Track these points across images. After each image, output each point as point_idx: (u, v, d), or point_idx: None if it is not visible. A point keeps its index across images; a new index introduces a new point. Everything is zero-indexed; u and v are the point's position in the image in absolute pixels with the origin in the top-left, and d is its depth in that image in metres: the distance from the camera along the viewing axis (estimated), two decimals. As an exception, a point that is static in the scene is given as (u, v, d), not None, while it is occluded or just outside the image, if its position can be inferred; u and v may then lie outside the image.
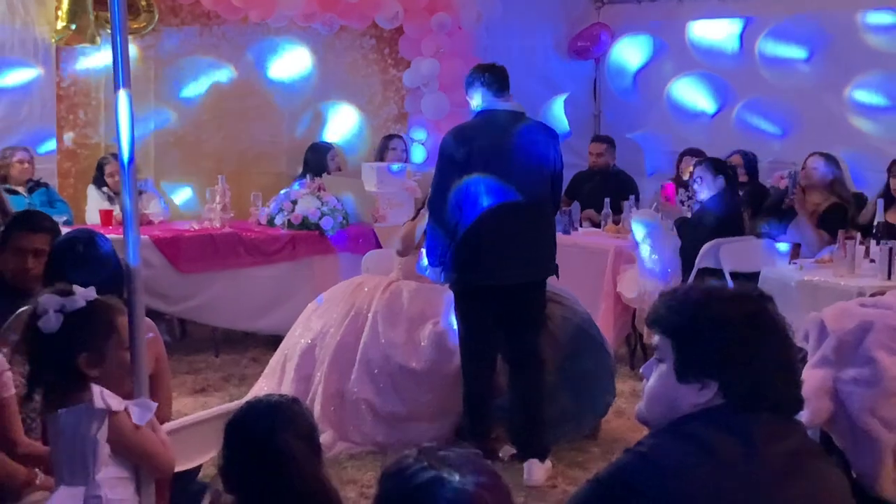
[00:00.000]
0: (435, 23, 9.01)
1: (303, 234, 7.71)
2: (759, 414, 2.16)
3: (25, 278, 4.25)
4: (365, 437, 5.79)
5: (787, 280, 6.05)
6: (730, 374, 2.18)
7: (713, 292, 2.29)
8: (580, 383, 5.82)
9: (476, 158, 5.25)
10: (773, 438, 2.15)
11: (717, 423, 2.15)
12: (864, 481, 3.18)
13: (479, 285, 5.35)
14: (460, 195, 5.26)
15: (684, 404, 2.21)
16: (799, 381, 2.26)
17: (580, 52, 10.18)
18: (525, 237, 5.33)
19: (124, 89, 3.00)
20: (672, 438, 2.18)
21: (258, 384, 6.28)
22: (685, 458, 2.11)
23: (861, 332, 3.23)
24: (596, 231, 7.95)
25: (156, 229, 7.53)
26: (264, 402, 2.73)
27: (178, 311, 7.58)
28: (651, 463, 2.13)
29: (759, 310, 2.23)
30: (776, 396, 2.19)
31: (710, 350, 2.19)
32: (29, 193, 7.56)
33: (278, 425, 2.58)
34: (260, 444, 2.56)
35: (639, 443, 2.22)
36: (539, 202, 5.37)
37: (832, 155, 7.38)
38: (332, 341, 5.96)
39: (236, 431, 2.62)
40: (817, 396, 3.21)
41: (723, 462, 2.10)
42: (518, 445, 5.52)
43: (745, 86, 9.09)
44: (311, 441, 2.64)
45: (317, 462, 2.62)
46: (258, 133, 9.07)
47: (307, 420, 2.69)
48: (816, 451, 2.28)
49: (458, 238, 5.30)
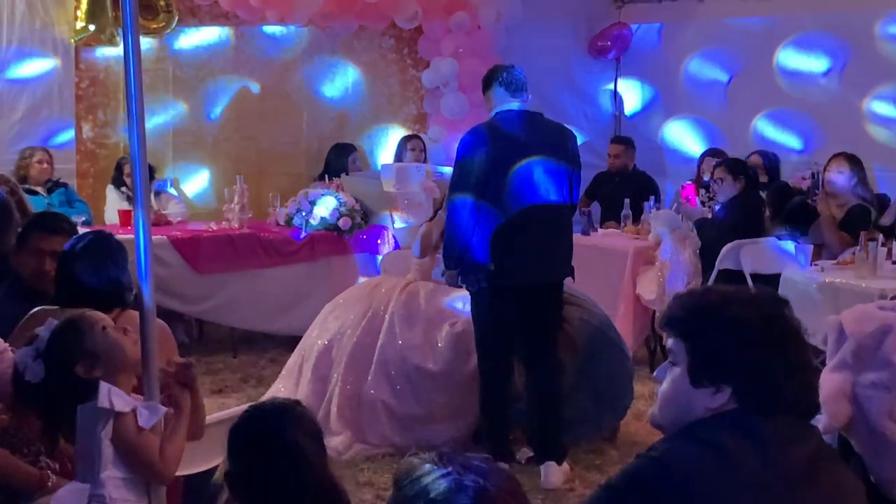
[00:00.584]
0: (454, 22, 8.98)
1: (321, 234, 7.71)
2: (774, 418, 2.14)
3: (43, 280, 4.24)
4: (382, 439, 5.76)
5: (808, 282, 6.00)
6: (744, 379, 2.16)
7: (728, 295, 2.26)
8: (598, 386, 5.77)
9: (494, 160, 5.23)
10: (789, 443, 2.13)
11: (731, 428, 2.13)
12: (884, 486, 3.14)
13: (496, 286, 5.32)
14: (478, 197, 5.24)
15: (698, 408, 2.19)
16: (815, 385, 2.23)
17: (600, 52, 10.13)
18: (543, 238, 5.31)
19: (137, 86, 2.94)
20: (686, 443, 2.16)
21: (275, 385, 6.27)
22: (700, 463, 2.09)
23: (880, 336, 3.19)
24: (615, 232, 7.90)
25: (174, 230, 7.54)
26: (268, 404, 2.71)
27: (195, 311, 7.58)
28: (665, 468, 2.11)
29: (775, 314, 2.20)
30: (791, 401, 2.17)
31: (724, 354, 2.17)
32: (48, 193, 7.59)
33: (286, 424, 2.55)
34: (268, 445, 2.53)
35: (651, 447, 2.21)
36: (557, 203, 5.33)
37: (854, 156, 7.30)
38: (348, 342, 5.94)
39: (242, 435, 2.59)
40: (836, 400, 3.17)
41: (738, 466, 2.08)
42: (535, 448, 5.50)
43: (764, 94, 9.03)
44: (319, 440, 2.61)
45: (325, 461, 2.60)
46: (278, 134, 9.08)
47: (312, 420, 2.67)
48: (832, 456, 2.26)
49: (476, 240, 5.27)
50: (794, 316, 2.23)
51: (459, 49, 9.10)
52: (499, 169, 5.22)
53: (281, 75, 9.08)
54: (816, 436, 2.23)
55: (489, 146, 5.25)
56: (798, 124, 8.73)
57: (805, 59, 8.69)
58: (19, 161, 7.63)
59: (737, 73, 9.24)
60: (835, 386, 3.20)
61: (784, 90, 8.82)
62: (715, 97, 9.42)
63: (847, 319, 3.29)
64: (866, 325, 3.23)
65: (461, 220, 5.29)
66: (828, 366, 3.31)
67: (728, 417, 2.15)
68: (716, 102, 9.42)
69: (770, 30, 8.96)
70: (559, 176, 5.33)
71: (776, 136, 8.89)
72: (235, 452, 2.58)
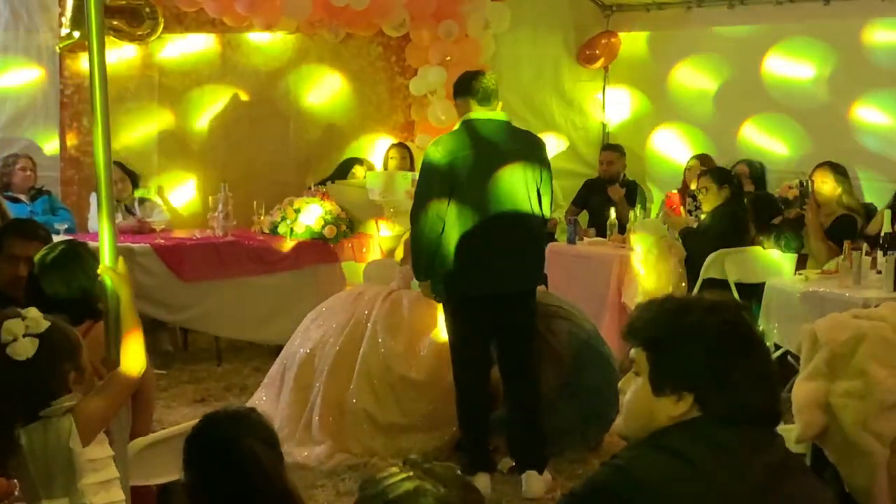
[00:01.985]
0: (442, 30, 8.95)
1: (306, 242, 7.67)
2: (738, 426, 2.13)
3: (18, 286, 4.22)
4: (364, 448, 5.74)
5: (791, 291, 5.99)
6: (705, 387, 2.14)
7: (688, 303, 2.26)
8: (585, 398, 5.75)
9: (460, 169, 5.19)
10: (754, 451, 2.11)
11: (694, 436, 2.12)
12: (858, 497, 3.12)
13: (467, 296, 5.28)
14: (443, 207, 5.20)
15: (661, 417, 2.18)
16: (778, 392, 2.23)
17: (589, 60, 10.11)
18: (512, 247, 5.25)
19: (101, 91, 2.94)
20: (650, 451, 2.15)
21: (257, 394, 6.25)
22: (663, 471, 2.08)
23: (854, 344, 3.17)
24: (601, 241, 7.88)
25: (158, 237, 7.50)
26: (222, 413, 2.68)
27: (179, 320, 7.54)
28: (628, 476, 2.10)
29: (735, 321, 2.19)
30: (753, 409, 2.15)
31: (684, 362, 2.16)
32: (31, 201, 7.55)
33: (241, 432, 2.53)
34: (224, 453, 2.50)
35: (614, 456, 2.20)
36: (525, 212, 5.29)
37: (838, 165, 7.29)
38: (331, 351, 5.92)
39: (198, 444, 2.56)
40: (809, 410, 3.15)
41: (702, 474, 2.06)
42: (516, 457, 5.46)
43: (751, 101, 9.02)
44: (275, 447, 2.58)
45: (282, 469, 2.57)
46: (265, 142, 9.04)
47: (268, 427, 2.64)
48: (798, 465, 2.25)
49: (444, 250, 5.23)
50: (754, 323, 2.22)
51: (447, 57, 9.06)
52: (465, 177, 5.19)
53: (268, 83, 9.05)
54: (781, 444, 2.22)
55: (455, 155, 5.21)
56: (786, 132, 8.70)
57: (792, 67, 8.68)
58: (2, 168, 7.59)
59: (724, 81, 9.22)
60: (809, 395, 3.18)
61: (771, 98, 8.81)
62: (702, 105, 9.40)
63: (821, 328, 3.27)
64: (840, 334, 3.21)
65: (426, 231, 5.25)
66: (801, 375, 3.29)
67: (691, 426, 2.14)
68: (704, 110, 9.39)
69: (757, 38, 8.94)
70: (527, 184, 5.28)
71: (764, 143, 8.86)
72: (191, 462, 2.55)
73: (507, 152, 5.27)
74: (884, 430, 3.11)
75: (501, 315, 5.30)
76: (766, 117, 8.86)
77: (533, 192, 5.30)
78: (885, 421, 3.11)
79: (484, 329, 5.34)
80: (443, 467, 1.91)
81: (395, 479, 1.86)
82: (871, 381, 3.11)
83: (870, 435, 3.10)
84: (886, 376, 3.12)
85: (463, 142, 5.29)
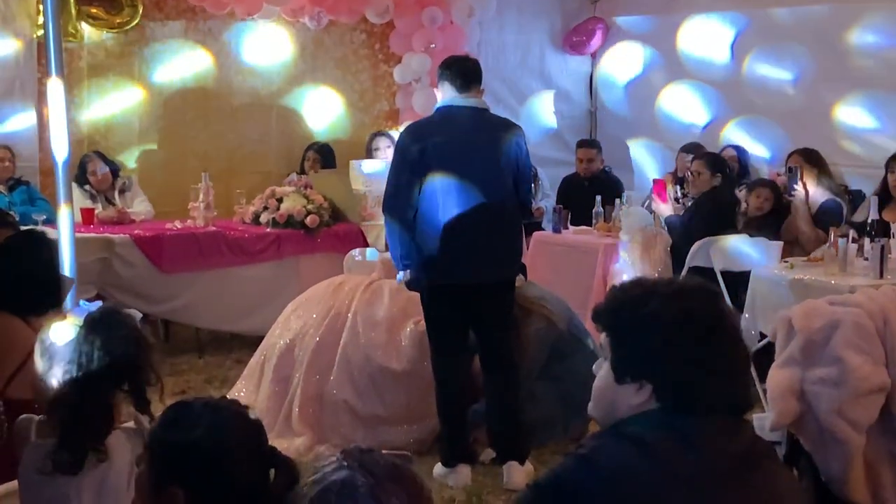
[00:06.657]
0: (426, 17, 8.88)
1: (288, 232, 7.59)
2: (701, 415, 2.09)
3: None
4: (344, 440, 5.64)
5: (777, 279, 5.92)
6: (663, 377, 2.11)
7: (653, 289, 2.20)
8: (566, 388, 5.69)
9: (431, 156, 5.08)
10: (718, 439, 2.08)
11: (656, 425, 2.09)
12: (834, 485, 3.07)
13: (443, 285, 5.19)
14: (415, 194, 5.11)
15: (623, 405, 2.16)
16: (746, 380, 2.17)
17: (575, 47, 10.04)
18: (487, 236, 5.13)
19: (58, 77, 2.88)
20: (613, 440, 2.13)
21: (237, 386, 6.20)
22: (625, 460, 2.06)
23: (829, 331, 3.11)
24: (587, 229, 7.80)
25: (137, 228, 7.41)
26: (180, 403, 2.56)
27: (160, 311, 7.42)
28: (591, 465, 2.08)
29: (698, 308, 2.13)
30: (714, 399, 2.11)
31: (643, 350, 2.12)
32: (9, 191, 7.50)
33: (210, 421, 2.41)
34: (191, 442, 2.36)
35: (579, 444, 2.18)
36: (500, 200, 5.16)
37: (811, 153, 7.26)
38: (311, 342, 5.86)
39: (161, 438, 2.40)
40: (783, 397, 3.09)
41: (663, 463, 2.04)
42: (497, 448, 5.40)
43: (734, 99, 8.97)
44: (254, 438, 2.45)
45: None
46: (246, 131, 8.98)
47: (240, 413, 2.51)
48: (765, 452, 2.20)
49: (418, 238, 5.14)
50: (722, 308, 2.16)
51: (432, 44, 8.99)
52: (436, 165, 5.08)
53: (249, 72, 8.97)
54: (749, 432, 2.18)
55: (425, 143, 5.11)
56: (767, 132, 8.66)
57: (773, 68, 8.63)
58: (-20, 159, 7.52)
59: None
60: (783, 382, 3.12)
61: (752, 98, 8.76)
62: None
63: (796, 315, 3.21)
64: (815, 321, 3.15)
65: (398, 220, 5.17)
66: (776, 362, 3.24)
67: (653, 414, 2.11)
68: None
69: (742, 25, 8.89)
70: (502, 173, 5.17)
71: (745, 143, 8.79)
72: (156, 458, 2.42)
73: (480, 139, 5.17)
74: (859, 418, 3.06)
75: (478, 305, 5.20)
76: (747, 119, 8.82)
77: (509, 180, 5.20)
78: (860, 408, 3.06)
79: (458, 319, 5.24)
80: (382, 458, 1.93)
81: (329, 468, 1.90)
82: (845, 368, 3.06)
83: (845, 422, 3.05)
84: (861, 363, 3.06)
85: (435, 128, 5.21)
